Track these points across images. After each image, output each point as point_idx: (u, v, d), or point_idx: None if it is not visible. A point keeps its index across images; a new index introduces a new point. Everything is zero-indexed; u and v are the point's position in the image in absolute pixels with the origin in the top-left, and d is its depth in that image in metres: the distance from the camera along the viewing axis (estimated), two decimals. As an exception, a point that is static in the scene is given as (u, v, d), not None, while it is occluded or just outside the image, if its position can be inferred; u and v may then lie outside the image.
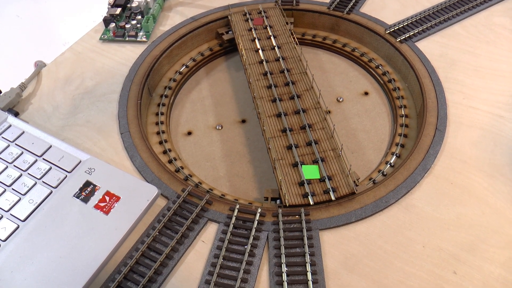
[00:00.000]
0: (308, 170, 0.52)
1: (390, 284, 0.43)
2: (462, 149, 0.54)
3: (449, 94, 0.60)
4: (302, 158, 0.53)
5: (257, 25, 0.70)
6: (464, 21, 0.70)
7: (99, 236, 0.45)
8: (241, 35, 0.69)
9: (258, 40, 0.68)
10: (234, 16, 0.73)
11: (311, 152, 0.54)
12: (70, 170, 0.51)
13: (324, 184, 0.51)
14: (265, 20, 0.71)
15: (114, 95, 0.62)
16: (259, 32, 0.69)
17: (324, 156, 0.53)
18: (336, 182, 0.51)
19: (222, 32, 0.72)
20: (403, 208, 0.49)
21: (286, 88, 0.61)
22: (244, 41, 0.68)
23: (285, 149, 0.54)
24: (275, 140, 0.55)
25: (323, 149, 0.54)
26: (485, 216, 0.48)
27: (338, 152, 0.53)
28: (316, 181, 0.51)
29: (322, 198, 0.50)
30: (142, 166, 0.53)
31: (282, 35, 0.69)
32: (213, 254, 0.46)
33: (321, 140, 0.55)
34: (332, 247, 0.46)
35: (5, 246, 0.45)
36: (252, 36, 0.69)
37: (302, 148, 0.54)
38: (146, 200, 0.48)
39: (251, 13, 0.73)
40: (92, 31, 0.73)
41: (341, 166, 0.52)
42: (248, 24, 0.71)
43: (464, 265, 0.44)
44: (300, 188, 0.51)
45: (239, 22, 0.72)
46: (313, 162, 0.53)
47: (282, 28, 0.70)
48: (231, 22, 0.72)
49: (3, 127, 0.55)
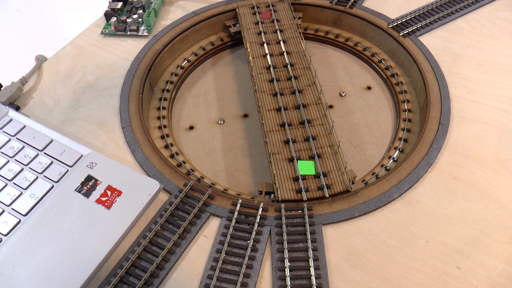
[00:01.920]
0: (304, 165, 0.52)
1: (394, 279, 0.43)
2: (465, 143, 0.54)
3: (452, 88, 0.60)
4: (298, 153, 0.53)
5: (264, 18, 0.70)
6: (468, 15, 0.70)
7: (101, 230, 0.45)
8: (247, 28, 0.69)
9: (264, 33, 0.68)
10: (242, 9, 0.72)
11: (308, 147, 0.53)
12: (72, 165, 0.51)
13: (318, 180, 0.50)
14: (273, 14, 0.71)
15: (116, 89, 0.62)
16: (266, 25, 0.69)
17: (321, 153, 0.53)
18: (331, 179, 0.50)
19: (230, 25, 0.72)
20: (406, 203, 0.49)
21: (288, 83, 0.60)
22: (250, 34, 0.68)
23: (282, 144, 0.54)
24: (273, 134, 0.55)
25: (320, 145, 0.53)
26: (489, 211, 0.48)
27: (335, 149, 0.53)
28: (311, 177, 0.51)
29: (315, 194, 0.49)
30: (144, 160, 0.53)
31: (288, 29, 0.68)
32: (215, 249, 0.45)
33: (319, 136, 0.54)
34: (335, 242, 0.46)
35: (6, 240, 0.45)
36: (258, 30, 0.69)
37: (299, 143, 0.54)
38: (148, 195, 0.48)
39: (259, 6, 0.73)
40: (93, 26, 0.72)
41: (338, 163, 0.52)
42: (256, 18, 0.71)
43: (468, 260, 0.44)
44: (294, 183, 0.50)
45: (246, 15, 0.71)
46: (309, 158, 0.52)
47: (289, 22, 0.69)
48: (239, 14, 0.72)
49: (4, 121, 0.55)
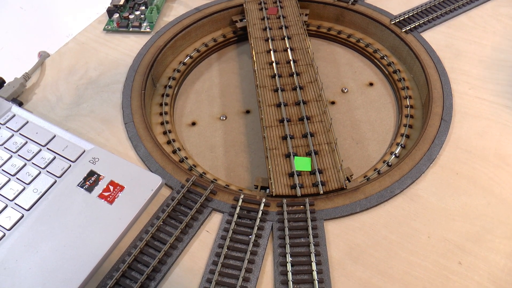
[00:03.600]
0: (300, 161, 0.52)
1: (395, 274, 0.43)
2: (467, 139, 0.54)
3: (454, 84, 0.60)
4: (295, 150, 0.53)
5: (270, 14, 0.70)
6: (470, 11, 0.70)
7: (103, 225, 0.45)
8: (253, 23, 0.69)
9: (269, 29, 0.68)
10: (249, 5, 0.72)
11: (305, 144, 0.53)
12: (74, 160, 0.51)
13: (314, 177, 0.50)
14: (280, 10, 0.71)
15: (118, 85, 0.62)
16: (272, 21, 0.69)
17: (319, 150, 0.53)
18: (327, 176, 0.50)
19: (236, 20, 0.72)
20: (408, 199, 0.49)
21: (290, 79, 0.60)
22: (255, 30, 0.68)
23: (280, 139, 0.54)
24: (272, 129, 0.55)
25: (318, 142, 0.53)
26: (491, 207, 0.48)
27: (333, 147, 0.53)
28: (306, 173, 0.51)
29: (310, 190, 0.49)
30: (146, 156, 0.53)
31: (294, 26, 0.68)
32: (217, 244, 0.46)
33: (317, 133, 0.54)
34: (337, 237, 0.46)
35: (10, 235, 0.45)
36: (264, 25, 0.69)
37: (297, 140, 0.54)
38: (150, 190, 0.48)
39: (266, 2, 0.73)
40: (95, 22, 0.73)
41: (334, 160, 0.52)
42: (262, 13, 0.71)
43: (469, 255, 0.44)
44: (290, 179, 0.51)
45: (253, 11, 0.71)
46: (306, 154, 0.52)
47: (295, 19, 0.69)
48: (245, 10, 0.72)
49: (7, 117, 0.55)
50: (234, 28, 0.73)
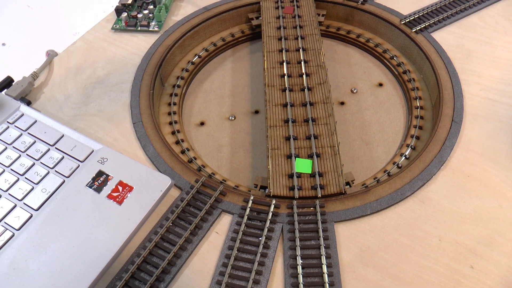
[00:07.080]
0: (301, 163, 0.51)
1: (406, 278, 0.43)
2: (479, 141, 0.53)
3: (465, 85, 0.59)
4: (297, 151, 0.52)
5: (286, 13, 0.70)
6: (481, 11, 0.69)
7: (112, 226, 0.45)
8: (267, 22, 0.68)
9: (283, 28, 0.67)
10: (265, 3, 0.72)
11: (308, 146, 0.53)
12: (83, 160, 0.51)
13: (313, 179, 0.50)
14: (296, 9, 0.70)
15: (126, 84, 0.62)
16: (287, 20, 0.69)
17: (321, 152, 0.52)
18: (327, 180, 0.50)
19: (252, 17, 0.72)
20: (419, 201, 0.48)
21: (300, 79, 0.60)
22: (269, 28, 0.67)
23: (283, 140, 0.54)
24: (275, 129, 0.55)
25: (321, 144, 0.53)
26: (503, 209, 0.47)
27: (335, 150, 0.52)
28: (306, 175, 0.50)
29: (308, 193, 0.49)
30: (155, 156, 0.53)
31: (309, 26, 0.68)
32: (227, 245, 0.45)
33: (321, 136, 0.54)
34: (347, 239, 0.46)
35: (19, 235, 0.45)
36: (278, 24, 0.68)
37: (300, 141, 0.53)
38: (160, 191, 0.48)
39: (283, 0, 0.72)
40: (103, 21, 0.72)
41: (336, 164, 0.51)
42: (278, 12, 0.70)
43: (481, 259, 0.44)
44: (289, 180, 0.50)
45: (269, 9, 0.71)
46: (308, 157, 0.52)
47: (311, 19, 0.69)
48: (261, 8, 0.71)
49: (16, 116, 0.55)
50: (250, 25, 0.73)
